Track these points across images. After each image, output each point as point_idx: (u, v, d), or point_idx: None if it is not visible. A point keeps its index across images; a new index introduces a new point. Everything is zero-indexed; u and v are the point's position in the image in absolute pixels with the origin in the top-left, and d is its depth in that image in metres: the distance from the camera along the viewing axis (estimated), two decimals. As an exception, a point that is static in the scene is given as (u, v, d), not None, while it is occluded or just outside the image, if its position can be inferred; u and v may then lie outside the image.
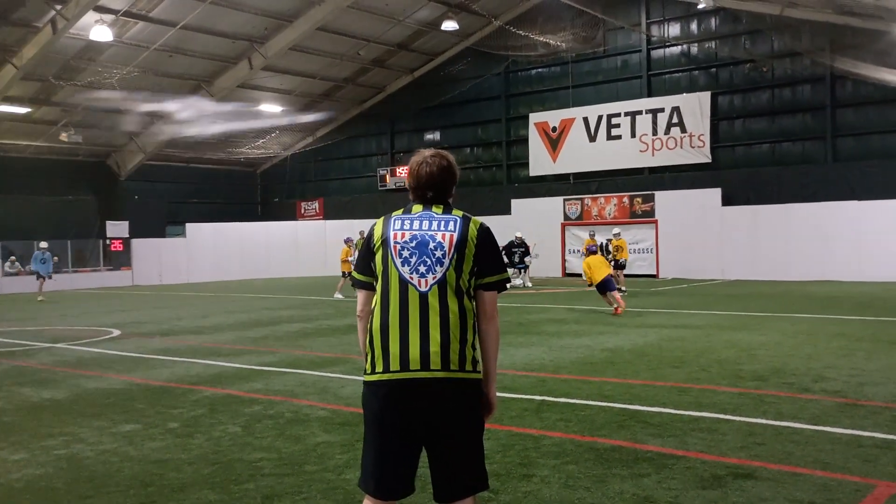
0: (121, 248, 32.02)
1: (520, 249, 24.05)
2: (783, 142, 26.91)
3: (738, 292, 20.62)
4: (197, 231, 32.97)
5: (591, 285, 15.83)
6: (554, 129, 30.85)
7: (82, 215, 33.15)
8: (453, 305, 3.13)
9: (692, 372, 8.87)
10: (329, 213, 36.75)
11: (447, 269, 3.15)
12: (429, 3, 28.69)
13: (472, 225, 3.24)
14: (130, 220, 33.06)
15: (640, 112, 28.87)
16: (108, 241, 32.06)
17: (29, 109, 29.08)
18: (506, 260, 23.75)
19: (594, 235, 22.70)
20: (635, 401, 7.35)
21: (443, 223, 3.23)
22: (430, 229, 3.21)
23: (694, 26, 28.49)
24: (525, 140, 31.95)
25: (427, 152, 3.37)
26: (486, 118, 33.46)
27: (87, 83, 27.69)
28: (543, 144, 31.16)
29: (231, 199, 39.51)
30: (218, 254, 32.67)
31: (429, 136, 35.37)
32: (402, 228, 3.23)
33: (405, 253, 3.18)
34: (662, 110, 28.37)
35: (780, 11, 25.18)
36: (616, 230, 21.91)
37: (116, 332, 14.36)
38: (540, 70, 31.90)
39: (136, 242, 32.07)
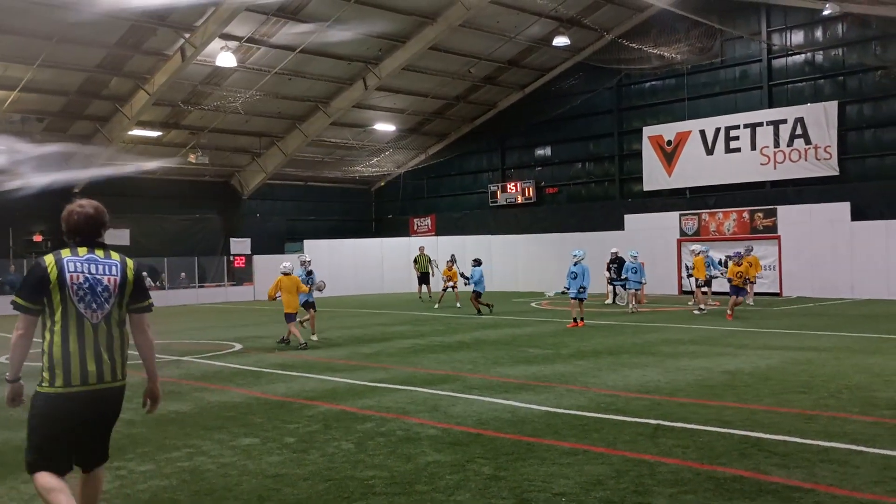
0: (243, 265, 33.34)
1: (614, 265, 23.49)
2: (920, 151, 25.27)
3: (870, 312, 19.41)
4: (314, 247, 33.88)
5: None
6: (669, 142, 30.09)
7: (208, 233, 34.79)
8: (116, 332, 4.19)
9: (820, 398, 8.39)
10: (441, 229, 37.07)
11: (112, 306, 4.15)
12: (540, 20, 28.60)
13: (128, 269, 4.24)
14: (252, 238, 34.46)
15: (760, 124, 27.75)
16: (231, 258, 33.45)
17: (160, 133, 30.82)
18: (606, 275, 23.62)
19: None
20: (758, 428, 7.01)
21: (106, 267, 4.16)
22: (97, 273, 4.12)
23: (819, 33, 27.20)
24: (638, 154, 31.27)
25: (80, 201, 4.20)
26: (598, 132, 32.97)
27: (213, 107, 29.11)
28: (658, 158, 30.43)
29: (346, 215, 40.51)
30: (334, 269, 33.42)
31: (539, 152, 35.21)
32: (75, 271, 4.07)
33: (80, 293, 4.06)
34: (785, 121, 27.17)
35: (915, 14, 23.75)
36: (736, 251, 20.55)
37: (238, 346, 14.94)
38: (654, 83, 31.22)
39: (257, 259, 33.33)
